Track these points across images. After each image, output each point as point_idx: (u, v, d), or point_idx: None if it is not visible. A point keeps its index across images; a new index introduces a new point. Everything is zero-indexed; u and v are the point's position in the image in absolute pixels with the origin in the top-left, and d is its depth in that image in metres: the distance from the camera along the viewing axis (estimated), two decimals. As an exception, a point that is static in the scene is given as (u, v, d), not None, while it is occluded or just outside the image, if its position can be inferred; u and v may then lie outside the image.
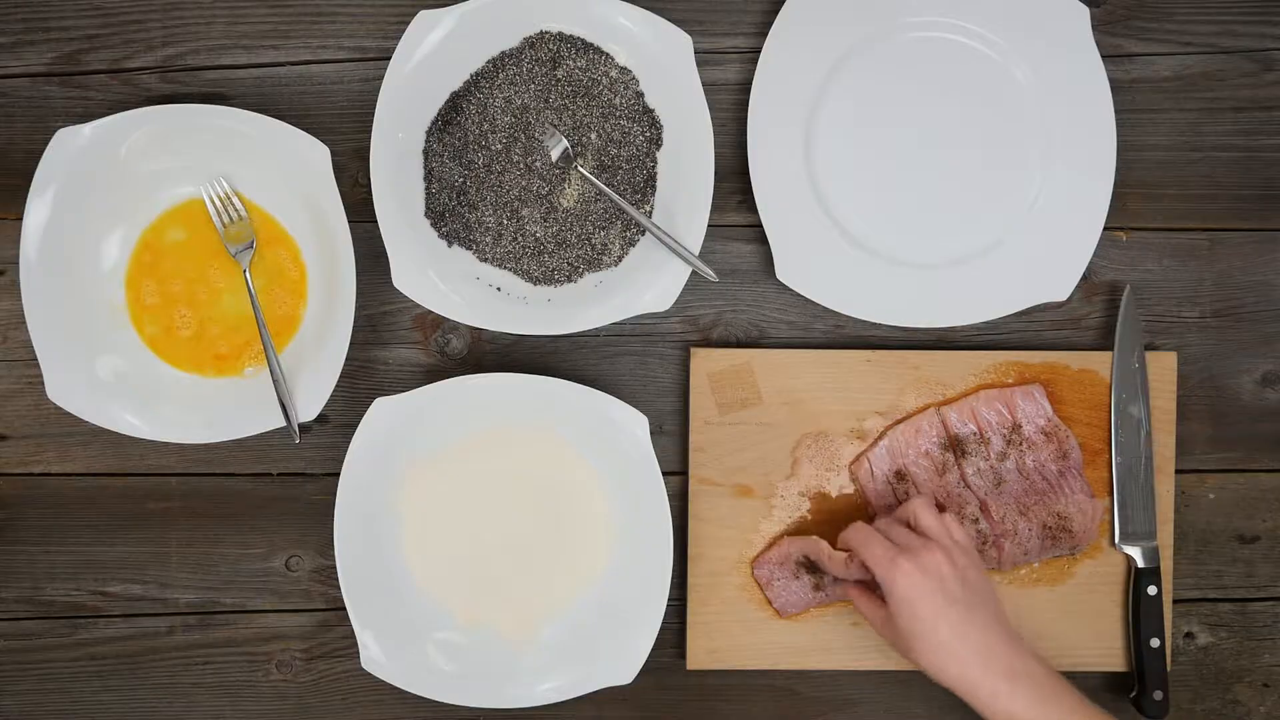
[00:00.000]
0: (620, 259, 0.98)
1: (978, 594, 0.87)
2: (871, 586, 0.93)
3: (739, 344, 1.00)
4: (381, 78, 0.94)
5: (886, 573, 0.87)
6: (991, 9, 0.97)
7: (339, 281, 0.94)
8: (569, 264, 0.97)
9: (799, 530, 0.99)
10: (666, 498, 0.95)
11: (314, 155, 0.93)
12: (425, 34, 0.94)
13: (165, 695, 1.01)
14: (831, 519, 0.99)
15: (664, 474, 0.97)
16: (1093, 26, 0.97)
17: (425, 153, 0.97)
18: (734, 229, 1.00)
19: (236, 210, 0.96)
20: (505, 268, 0.98)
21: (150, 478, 1.00)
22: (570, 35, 0.96)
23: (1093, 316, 1.01)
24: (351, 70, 0.99)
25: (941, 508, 0.96)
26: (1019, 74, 0.98)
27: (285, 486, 1.01)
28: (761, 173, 0.97)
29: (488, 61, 0.96)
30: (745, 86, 0.98)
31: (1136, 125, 1.00)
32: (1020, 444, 0.98)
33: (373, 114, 0.94)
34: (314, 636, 1.01)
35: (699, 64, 0.96)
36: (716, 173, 0.96)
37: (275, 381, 0.94)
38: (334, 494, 0.96)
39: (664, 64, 0.95)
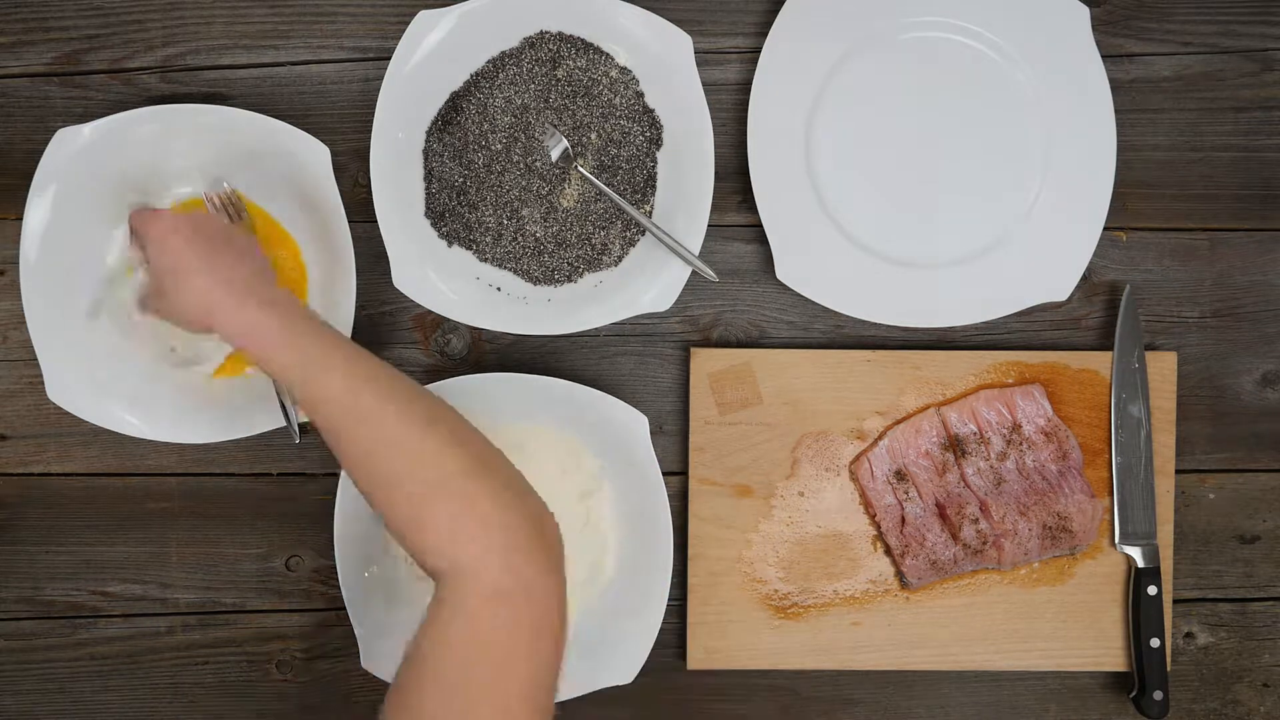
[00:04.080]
0: (620, 259, 0.98)
1: (232, 238, 0.85)
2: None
3: (739, 344, 1.00)
4: (381, 78, 0.94)
5: (145, 224, 0.85)
6: (991, 9, 0.97)
7: (339, 281, 0.94)
8: (569, 264, 0.97)
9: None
10: (666, 498, 0.95)
11: (314, 155, 0.93)
12: (425, 34, 0.94)
13: (165, 695, 1.01)
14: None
15: (664, 474, 0.97)
16: (1093, 26, 0.97)
17: (425, 153, 0.97)
18: (734, 229, 1.00)
19: (237, 210, 0.96)
20: (505, 268, 0.98)
21: (150, 478, 1.00)
22: (570, 35, 0.96)
23: (1093, 316, 1.01)
24: (351, 70, 0.99)
25: None
26: (1019, 74, 0.98)
27: (285, 486, 1.01)
28: (761, 173, 0.97)
29: (488, 61, 0.96)
30: (745, 86, 0.98)
31: (1136, 125, 1.00)
32: (1020, 444, 0.98)
33: (373, 114, 0.94)
34: (314, 636, 1.01)
35: (699, 64, 0.96)
36: (716, 173, 0.96)
37: (275, 382, 0.94)
38: (334, 494, 0.96)
39: (664, 64, 0.95)
